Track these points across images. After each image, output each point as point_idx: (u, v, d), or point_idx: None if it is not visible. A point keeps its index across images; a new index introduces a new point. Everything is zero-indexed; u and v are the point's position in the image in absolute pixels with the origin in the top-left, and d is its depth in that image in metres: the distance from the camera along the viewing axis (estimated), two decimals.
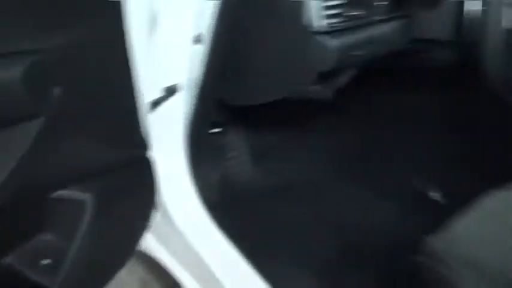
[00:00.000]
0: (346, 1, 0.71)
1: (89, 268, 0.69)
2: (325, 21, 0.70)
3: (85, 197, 0.67)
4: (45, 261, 0.65)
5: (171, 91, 0.94)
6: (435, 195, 1.27)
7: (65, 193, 0.65)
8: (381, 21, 0.80)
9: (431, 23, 0.83)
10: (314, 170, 1.35)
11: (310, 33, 0.70)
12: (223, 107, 1.06)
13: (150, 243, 1.13)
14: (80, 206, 0.67)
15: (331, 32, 0.71)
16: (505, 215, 0.90)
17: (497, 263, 0.75)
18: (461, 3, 0.77)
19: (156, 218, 0.96)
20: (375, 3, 0.76)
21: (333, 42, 0.71)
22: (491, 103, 0.92)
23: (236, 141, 1.26)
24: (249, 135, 1.31)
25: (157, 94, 0.91)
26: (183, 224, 1.05)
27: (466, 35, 0.76)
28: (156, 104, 0.90)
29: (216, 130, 1.09)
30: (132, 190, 0.77)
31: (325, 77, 0.80)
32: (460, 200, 0.94)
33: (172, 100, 0.95)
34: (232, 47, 0.86)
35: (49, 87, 0.55)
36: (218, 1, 0.83)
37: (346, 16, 0.72)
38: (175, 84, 0.95)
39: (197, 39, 0.91)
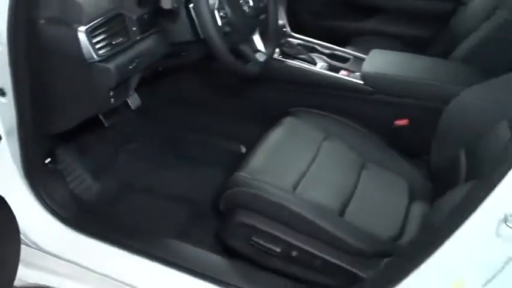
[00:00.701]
0: (107, 35, 0.99)
1: None
2: (98, 52, 0.97)
3: None
4: None
5: None
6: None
7: None
8: (141, 39, 1.10)
9: (178, 30, 1.17)
10: (141, 166, 1.63)
11: (90, 63, 0.97)
12: (48, 140, 1.25)
13: (26, 275, 1.27)
14: None
15: (106, 58, 0.99)
16: (279, 145, 1.33)
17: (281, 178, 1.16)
18: (189, 11, 1.12)
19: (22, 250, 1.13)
20: (131, 30, 1.06)
21: (110, 65, 0.99)
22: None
23: (70, 166, 1.46)
24: (78, 157, 1.52)
25: None
26: (48, 244, 1.23)
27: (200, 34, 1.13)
28: None
29: (48, 160, 1.28)
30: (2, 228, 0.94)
31: (117, 88, 1.07)
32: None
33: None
34: (33, 88, 1.07)
35: None
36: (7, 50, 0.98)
37: (112, 45, 1.00)
38: None
39: (1, 92, 1.08)
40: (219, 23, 1.08)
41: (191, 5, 1.09)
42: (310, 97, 1.55)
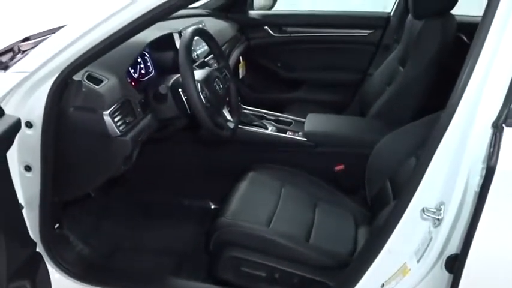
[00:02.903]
0: (122, 116, 1.29)
1: None
2: (119, 129, 1.27)
3: (25, 283, 1.03)
4: None
5: None
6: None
7: (15, 284, 1.00)
8: (143, 117, 1.41)
9: (166, 109, 1.50)
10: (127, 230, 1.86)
11: (114, 137, 1.26)
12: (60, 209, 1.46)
13: None
14: None
15: (124, 133, 1.29)
16: (249, 193, 1.64)
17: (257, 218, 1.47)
18: (178, 94, 1.47)
19: None
20: (137, 111, 1.37)
21: (127, 138, 1.28)
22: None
23: (72, 232, 1.65)
24: (75, 226, 1.71)
25: None
26: None
27: (188, 111, 1.47)
28: None
29: (57, 226, 1.47)
30: (42, 272, 1.14)
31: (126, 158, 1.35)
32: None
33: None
34: (57, 163, 1.30)
35: None
36: (40, 134, 1.23)
37: (126, 123, 1.30)
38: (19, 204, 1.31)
39: (27, 168, 1.31)
40: (203, 101, 1.43)
41: (180, 89, 1.43)
42: (266, 154, 1.91)
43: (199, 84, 1.45)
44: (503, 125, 0.91)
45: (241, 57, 2.57)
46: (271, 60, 2.73)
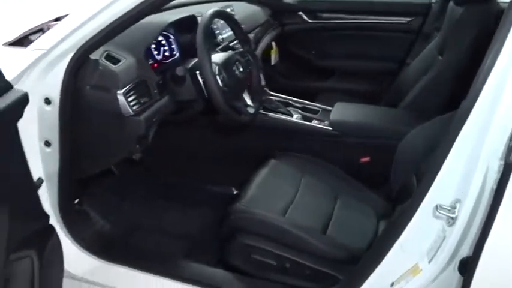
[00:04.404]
0: (137, 96, 1.30)
1: None
2: (133, 108, 1.27)
3: (30, 252, 1.06)
4: None
5: (38, 183, 1.34)
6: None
7: (18, 254, 1.03)
8: (160, 98, 1.41)
9: (184, 91, 1.49)
10: (147, 210, 1.88)
11: (127, 117, 1.26)
12: (77, 183, 1.50)
13: None
14: (29, 260, 1.06)
15: (138, 113, 1.29)
16: (268, 181, 1.61)
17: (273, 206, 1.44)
18: (196, 76, 1.45)
19: None
20: (153, 92, 1.37)
21: (141, 117, 1.29)
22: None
23: (92, 208, 1.70)
24: (96, 203, 1.76)
25: None
26: (80, 272, 1.44)
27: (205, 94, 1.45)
28: None
29: (76, 201, 1.52)
30: (53, 244, 1.17)
31: (142, 138, 1.36)
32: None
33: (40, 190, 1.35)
34: (74, 140, 1.33)
35: None
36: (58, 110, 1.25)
37: (141, 103, 1.30)
38: (39, 178, 1.35)
39: (47, 143, 1.34)
40: (220, 84, 1.41)
41: (197, 72, 1.42)
42: (289, 142, 1.87)
43: (217, 67, 1.43)
44: None
45: (273, 43, 2.52)
46: (304, 47, 2.66)
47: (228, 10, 1.97)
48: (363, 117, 1.85)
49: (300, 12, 2.59)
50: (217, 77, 1.41)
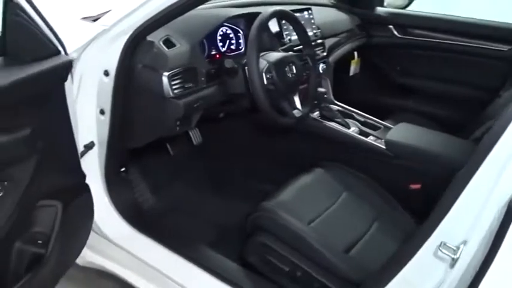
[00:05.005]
0: (182, 80, 1.37)
1: (62, 244, 1.19)
2: (174, 92, 1.34)
3: (56, 203, 1.18)
4: (39, 241, 1.14)
5: (89, 147, 1.48)
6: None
7: (45, 202, 1.16)
8: (206, 87, 1.47)
9: (235, 84, 1.53)
10: (191, 194, 1.96)
11: (167, 98, 1.34)
12: (125, 153, 1.62)
13: (91, 257, 1.60)
14: (54, 209, 1.18)
15: (179, 96, 1.36)
16: (305, 188, 1.59)
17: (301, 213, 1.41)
18: (245, 71, 1.48)
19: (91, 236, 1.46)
20: (200, 79, 1.43)
21: (180, 101, 1.35)
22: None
23: (137, 179, 1.83)
24: (144, 175, 1.88)
25: (81, 149, 1.45)
26: (111, 234, 1.56)
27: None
28: (81, 155, 1.43)
29: (123, 170, 1.64)
30: (82, 201, 1.29)
31: (182, 120, 1.43)
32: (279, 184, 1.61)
33: (90, 152, 1.49)
34: (123, 112, 1.44)
35: (36, 142, 1.09)
36: (113, 82, 1.38)
37: (184, 88, 1.37)
38: (91, 142, 1.49)
39: (102, 111, 1.48)
40: (265, 82, 1.42)
41: (246, 67, 1.45)
42: (339, 154, 1.81)
43: (267, 65, 1.45)
44: None
45: (356, 54, 2.45)
46: (389, 62, 2.54)
47: (305, 13, 1.97)
48: (421, 142, 1.72)
49: (391, 26, 2.48)
50: (264, 75, 1.42)
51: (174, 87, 1.33)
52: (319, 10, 2.17)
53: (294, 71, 1.53)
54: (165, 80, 1.32)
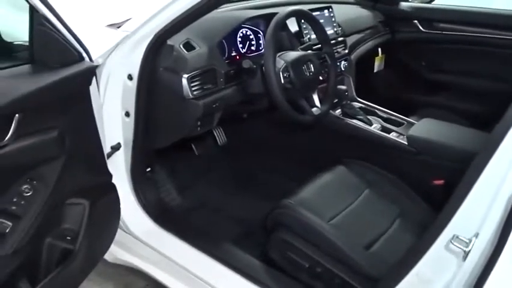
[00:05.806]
0: (201, 82, 1.41)
1: (90, 241, 1.26)
2: (193, 93, 1.39)
3: (84, 202, 1.25)
4: (68, 237, 1.21)
5: (115, 148, 1.55)
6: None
7: (73, 200, 1.23)
8: (225, 87, 1.51)
9: (254, 84, 1.56)
10: (216, 192, 2.00)
11: (187, 99, 1.39)
12: (151, 154, 1.68)
13: (120, 254, 1.67)
14: (81, 207, 1.25)
15: (198, 97, 1.40)
16: (327, 185, 1.60)
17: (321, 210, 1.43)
18: (262, 72, 1.51)
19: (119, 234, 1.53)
20: (219, 80, 1.47)
21: (200, 102, 1.40)
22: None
23: (163, 179, 1.89)
24: (170, 175, 1.94)
25: (108, 150, 1.51)
26: (137, 231, 1.62)
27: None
28: (108, 156, 1.50)
29: (149, 169, 1.70)
30: (109, 199, 1.36)
31: (203, 120, 1.47)
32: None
33: (117, 153, 1.56)
34: (147, 113, 1.50)
35: (64, 143, 1.16)
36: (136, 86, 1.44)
37: (203, 89, 1.42)
38: (118, 143, 1.56)
39: (127, 113, 1.54)
40: (282, 80, 1.45)
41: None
42: (361, 150, 1.81)
43: (284, 64, 1.47)
44: None
45: (380, 50, 2.43)
46: (415, 57, 2.51)
47: (325, 12, 1.98)
48: (444, 137, 1.69)
49: (415, 21, 2.45)
50: (281, 74, 1.44)
51: (193, 88, 1.38)
52: (340, 8, 2.17)
53: (312, 70, 1.55)
54: (184, 81, 1.36)
